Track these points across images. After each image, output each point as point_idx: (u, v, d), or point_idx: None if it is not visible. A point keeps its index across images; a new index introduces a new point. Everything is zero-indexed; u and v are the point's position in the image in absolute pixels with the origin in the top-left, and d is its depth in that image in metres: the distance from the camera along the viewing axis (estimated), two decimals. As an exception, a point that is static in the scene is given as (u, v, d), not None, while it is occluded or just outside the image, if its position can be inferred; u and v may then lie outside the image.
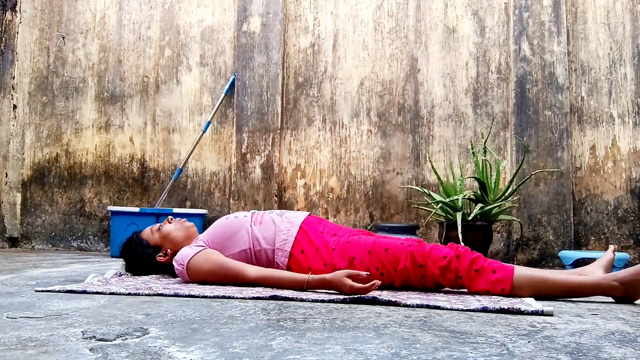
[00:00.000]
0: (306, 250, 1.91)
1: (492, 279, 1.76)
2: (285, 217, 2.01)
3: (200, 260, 1.92)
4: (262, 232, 1.97)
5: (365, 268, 1.83)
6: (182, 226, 2.15)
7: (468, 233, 2.92)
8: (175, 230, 2.13)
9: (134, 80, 4.04)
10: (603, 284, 1.72)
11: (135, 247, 2.15)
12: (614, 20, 3.57)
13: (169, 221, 2.18)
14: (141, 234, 2.18)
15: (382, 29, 3.81)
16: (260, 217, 2.03)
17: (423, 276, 1.82)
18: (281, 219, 2.00)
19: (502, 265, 1.81)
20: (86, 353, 0.93)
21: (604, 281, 1.72)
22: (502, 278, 1.76)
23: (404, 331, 1.17)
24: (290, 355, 0.93)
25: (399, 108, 3.74)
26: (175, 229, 2.14)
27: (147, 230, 2.18)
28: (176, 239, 2.11)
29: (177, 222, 2.18)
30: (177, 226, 2.15)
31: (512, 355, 0.98)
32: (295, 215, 2.02)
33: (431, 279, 1.82)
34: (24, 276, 2.16)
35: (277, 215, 2.02)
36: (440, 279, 1.80)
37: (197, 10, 4.02)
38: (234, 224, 2.03)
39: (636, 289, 1.69)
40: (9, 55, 4.17)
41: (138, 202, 3.94)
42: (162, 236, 2.12)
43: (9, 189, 4.11)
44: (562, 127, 3.48)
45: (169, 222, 2.18)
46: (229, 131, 3.90)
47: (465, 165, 3.60)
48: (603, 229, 3.47)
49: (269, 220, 2.00)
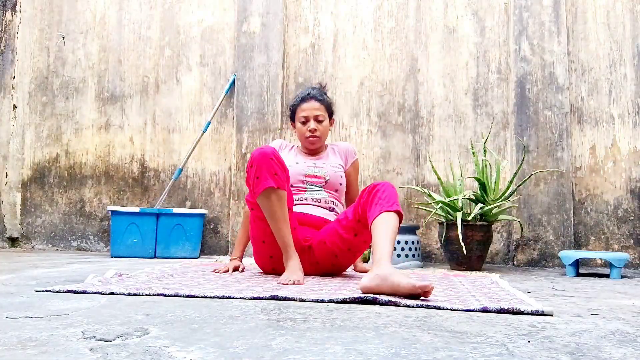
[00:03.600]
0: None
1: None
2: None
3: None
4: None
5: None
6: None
7: (468, 233, 2.92)
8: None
9: (134, 80, 4.04)
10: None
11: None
12: (614, 20, 3.57)
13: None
14: None
15: (382, 29, 3.81)
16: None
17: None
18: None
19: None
20: (86, 353, 0.93)
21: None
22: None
23: (404, 331, 1.17)
24: (290, 355, 0.93)
25: (399, 108, 3.74)
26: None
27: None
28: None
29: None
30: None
31: (512, 355, 0.98)
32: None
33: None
34: (24, 276, 2.16)
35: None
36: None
37: (197, 10, 4.02)
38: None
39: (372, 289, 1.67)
40: (9, 55, 4.17)
41: (138, 202, 3.94)
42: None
43: (9, 189, 4.11)
44: (562, 127, 3.48)
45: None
46: (229, 131, 3.90)
47: (465, 165, 3.60)
48: (603, 229, 3.47)
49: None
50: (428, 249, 3.62)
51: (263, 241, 2.25)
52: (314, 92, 2.55)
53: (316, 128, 2.48)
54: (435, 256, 3.60)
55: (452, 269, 3.03)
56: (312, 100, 2.51)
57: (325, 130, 2.53)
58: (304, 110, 2.50)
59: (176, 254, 3.55)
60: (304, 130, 2.50)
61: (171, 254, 3.55)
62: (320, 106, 2.50)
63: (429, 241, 3.62)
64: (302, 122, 2.51)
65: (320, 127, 2.50)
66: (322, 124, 2.51)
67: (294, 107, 2.56)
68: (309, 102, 2.50)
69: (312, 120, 2.49)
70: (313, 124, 2.48)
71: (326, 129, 2.54)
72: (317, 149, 2.56)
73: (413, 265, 3.12)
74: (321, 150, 2.60)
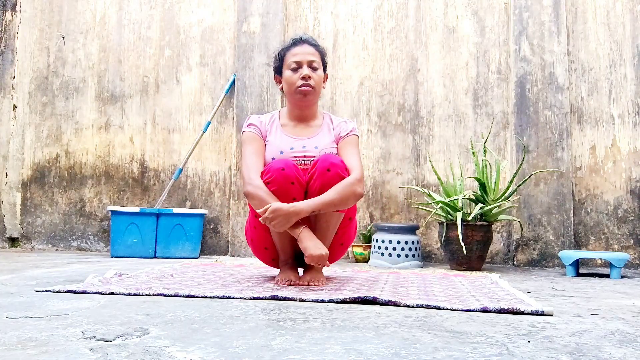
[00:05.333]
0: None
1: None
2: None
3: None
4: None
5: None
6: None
7: (468, 233, 2.92)
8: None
9: (134, 80, 4.04)
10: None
11: None
12: (614, 20, 3.57)
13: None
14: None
15: (382, 29, 3.81)
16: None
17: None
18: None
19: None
20: (86, 353, 0.93)
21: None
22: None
23: (404, 331, 1.17)
24: (290, 355, 0.93)
25: (399, 108, 3.74)
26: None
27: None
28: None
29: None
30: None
31: (512, 355, 0.98)
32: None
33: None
34: (24, 276, 2.16)
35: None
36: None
37: (197, 10, 4.02)
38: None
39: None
40: (9, 55, 4.17)
41: (138, 202, 3.94)
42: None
43: (9, 189, 4.11)
44: (562, 127, 3.48)
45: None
46: (229, 131, 3.90)
47: (465, 165, 3.60)
48: (603, 229, 3.47)
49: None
50: (428, 249, 3.62)
51: (265, 248, 2.15)
52: (306, 36, 2.17)
53: (310, 75, 2.06)
54: (435, 256, 3.60)
55: (452, 269, 3.03)
56: (305, 44, 2.12)
57: (320, 82, 2.12)
58: (296, 54, 2.09)
59: (176, 254, 3.55)
60: (295, 78, 2.08)
61: (171, 254, 3.55)
62: (315, 51, 2.12)
63: (429, 241, 3.62)
64: (292, 69, 2.09)
65: (315, 76, 2.08)
66: (317, 73, 2.10)
67: (282, 53, 2.15)
68: (301, 46, 2.11)
69: (305, 66, 2.08)
70: (307, 70, 2.07)
71: (320, 81, 2.13)
72: (309, 108, 2.14)
73: (413, 265, 3.12)
74: (314, 117, 2.18)
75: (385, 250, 3.13)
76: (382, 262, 3.12)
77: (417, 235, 3.26)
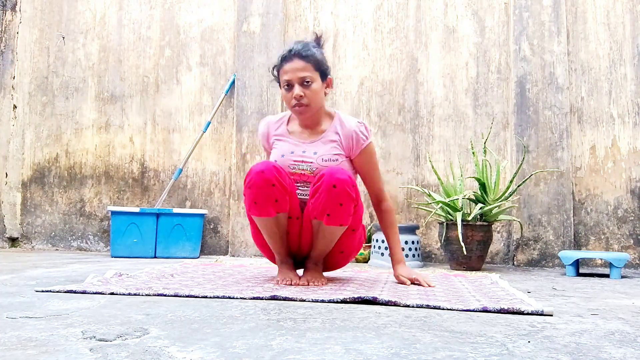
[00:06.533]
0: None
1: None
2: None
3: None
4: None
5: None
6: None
7: (468, 233, 2.92)
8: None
9: (134, 80, 4.04)
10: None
11: None
12: (614, 20, 3.57)
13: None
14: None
15: (382, 29, 3.81)
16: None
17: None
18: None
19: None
20: (86, 353, 0.93)
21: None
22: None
23: (404, 331, 1.17)
24: (290, 355, 0.93)
25: (399, 108, 3.74)
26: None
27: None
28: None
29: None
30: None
31: (512, 355, 0.98)
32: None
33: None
34: (24, 276, 2.16)
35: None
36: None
37: (197, 10, 4.02)
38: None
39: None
40: (9, 55, 4.17)
41: (138, 202, 3.94)
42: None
43: (9, 189, 4.11)
44: (562, 127, 3.48)
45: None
46: (229, 131, 3.90)
47: (465, 165, 3.60)
48: (603, 229, 3.47)
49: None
50: (428, 249, 3.62)
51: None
52: (297, 47, 2.03)
53: (302, 94, 2.00)
54: (435, 256, 3.60)
55: (452, 269, 3.03)
56: (294, 58, 2.02)
57: (316, 95, 2.03)
58: (286, 72, 2.02)
59: (176, 254, 3.55)
60: (289, 97, 2.03)
61: (171, 254, 3.55)
62: (305, 65, 2.01)
63: (429, 241, 3.62)
64: (285, 89, 2.05)
65: (308, 92, 2.00)
66: (311, 88, 2.01)
67: (277, 69, 2.10)
68: (291, 62, 2.02)
69: (296, 85, 2.01)
70: (298, 90, 2.00)
71: (316, 93, 2.03)
72: (312, 119, 2.09)
73: (413, 265, 3.12)
74: (319, 123, 2.12)
75: (385, 251, 3.13)
76: (382, 262, 3.12)
77: (417, 235, 3.26)
